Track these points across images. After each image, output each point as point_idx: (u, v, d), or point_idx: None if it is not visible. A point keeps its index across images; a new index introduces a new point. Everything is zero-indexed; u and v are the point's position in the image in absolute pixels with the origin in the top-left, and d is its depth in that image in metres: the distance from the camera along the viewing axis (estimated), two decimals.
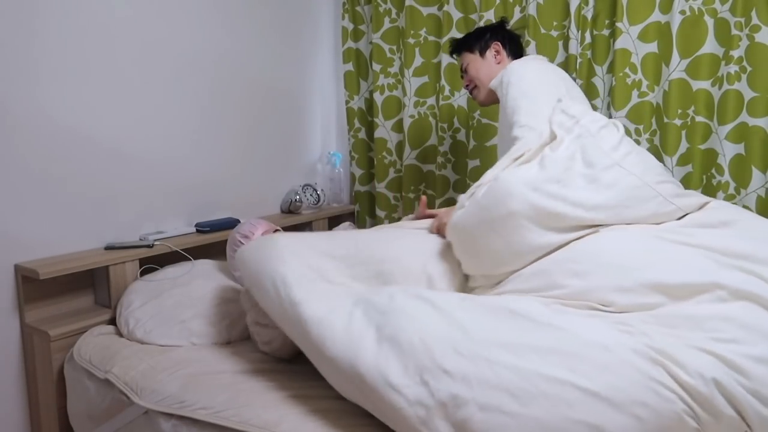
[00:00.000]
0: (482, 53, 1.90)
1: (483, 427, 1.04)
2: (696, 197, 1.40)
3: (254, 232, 1.85)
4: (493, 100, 1.88)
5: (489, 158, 2.36)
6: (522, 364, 1.07)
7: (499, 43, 1.89)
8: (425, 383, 1.09)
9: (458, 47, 1.96)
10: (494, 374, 1.07)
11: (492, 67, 1.89)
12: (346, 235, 1.62)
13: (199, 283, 1.80)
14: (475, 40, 1.91)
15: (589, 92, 2.10)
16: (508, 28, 1.96)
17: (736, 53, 1.84)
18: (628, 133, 1.98)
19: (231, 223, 2.18)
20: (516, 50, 1.92)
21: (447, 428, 1.06)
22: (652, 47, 2.01)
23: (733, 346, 1.05)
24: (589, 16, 2.08)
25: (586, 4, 2.08)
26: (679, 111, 1.96)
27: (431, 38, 2.48)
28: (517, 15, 2.26)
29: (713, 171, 1.95)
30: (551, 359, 1.07)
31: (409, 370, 1.11)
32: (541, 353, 1.08)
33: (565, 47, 2.16)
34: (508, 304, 1.21)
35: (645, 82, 2.03)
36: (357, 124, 2.74)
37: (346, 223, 2.66)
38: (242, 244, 1.82)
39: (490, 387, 1.06)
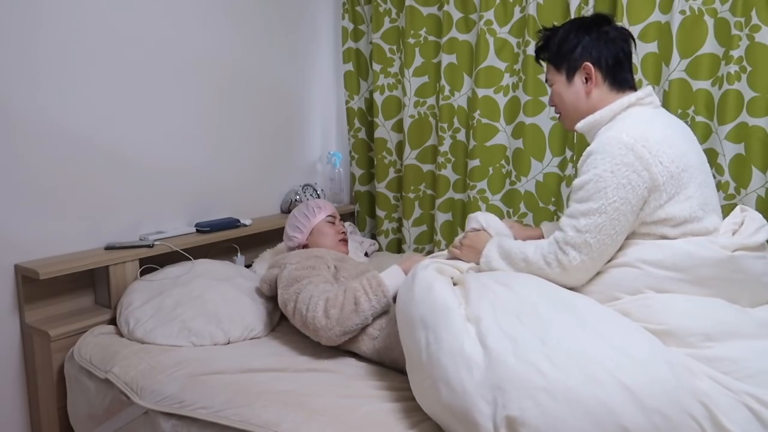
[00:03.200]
0: (569, 76, 1.45)
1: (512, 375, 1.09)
2: None
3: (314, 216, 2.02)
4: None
5: (489, 158, 2.36)
6: (571, 340, 1.12)
7: (591, 67, 1.41)
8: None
9: (538, 53, 1.53)
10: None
11: (580, 97, 1.44)
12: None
13: (199, 282, 1.80)
14: (560, 55, 1.45)
15: None
16: (611, 31, 1.42)
17: (736, 53, 1.84)
18: None
19: (231, 223, 2.18)
20: (620, 76, 1.42)
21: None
22: (652, 47, 2.01)
23: None
24: None
25: (586, 4, 2.08)
26: (679, 111, 1.96)
27: (431, 38, 2.48)
28: (517, 15, 2.26)
29: (713, 171, 1.95)
30: (598, 344, 1.11)
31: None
32: (591, 336, 1.13)
33: None
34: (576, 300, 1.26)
35: (645, 82, 2.03)
36: (357, 124, 2.74)
37: (346, 224, 2.66)
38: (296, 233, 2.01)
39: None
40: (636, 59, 2.02)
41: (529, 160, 2.29)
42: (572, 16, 2.09)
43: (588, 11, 2.07)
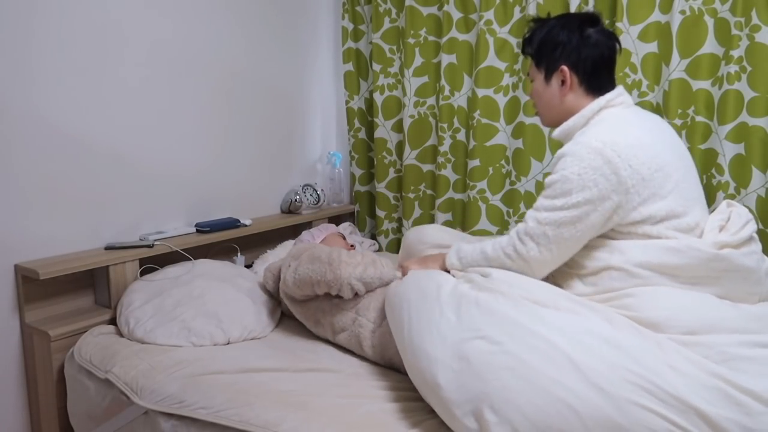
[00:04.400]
0: (547, 76, 1.47)
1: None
2: None
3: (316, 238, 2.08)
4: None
5: (489, 158, 2.36)
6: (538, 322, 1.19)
7: (567, 71, 1.43)
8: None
9: (524, 46, 1.53)
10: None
11: (554, 99, 1.47)
12: None
13: (199, 282, 1.80)
14: (540, 53, 1.47)
15: None
16: (594, 35, 1.42)
17: (736, 53, 1.84)
18: None
19: (231, 223, 2.18)
20: (596, 81, 1.43)
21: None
22: (652, 47, 2.01)
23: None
24: None
25: (586, 3, 2.08)
26: (679, 111, 1.96)
27: (431, 38, 2.48)
28: (517, 15, 2.26)
29: (713, 171, 1.95)
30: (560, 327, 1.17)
31: None
32: (556, 320, 1.19)
33: None
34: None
35: (645, 82, 2.03)
36: (357, 124, 2.74)
37: (346, 224, 2.66)
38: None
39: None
40: (636, 59, 2.03)
41: (529, 160, 2.29)
42: None
43: (588, 11, 2.07)
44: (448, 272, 1.50)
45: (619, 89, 1.44)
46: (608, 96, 1.42)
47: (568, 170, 1.32)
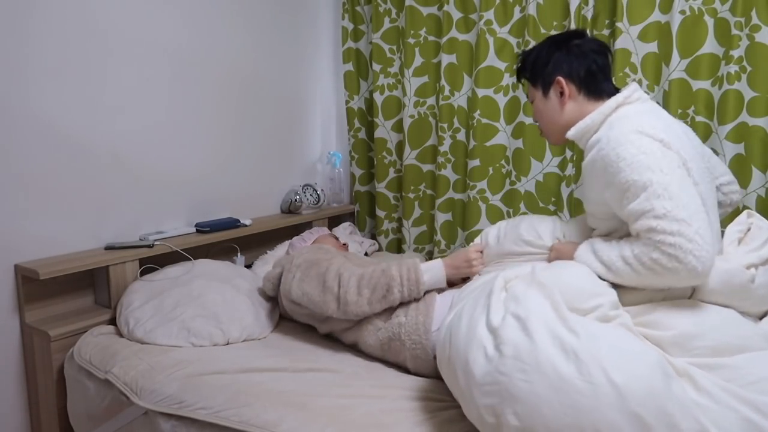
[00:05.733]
0: (545, 92, 1.46)
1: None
2: None
3: (307, 240, 2.06)
4: (566, 142, 1.50)
5: (489, 158, 2.36)
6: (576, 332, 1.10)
7: (563, 81, 1.42)
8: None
9: (519, 74, 1.55)
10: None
11: (556, 111, 1.45)
12: None
13: (199, 283, 1.80)
14: (535, 72, 1.48)
15: None
16: (583, 45, 1.42)
17: (736, 53, 1.84)
18: None
19: (231, 223, 2.18)
20: (595, 86, 1.41)
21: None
22: (652, 47, 2.01)
23: None
24: (589, 16, 2.08)
25: (586, 4, 2.08)
26: (679, 111, 1.96)
27: (431, 38, 2.48)
28: (517, 15, 2.26)
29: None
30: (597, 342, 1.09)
31: None
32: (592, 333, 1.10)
33: None
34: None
35: (645, 82, 2.03)
36: (357, 124, 2.74)
37: (346, 224, 2.66)
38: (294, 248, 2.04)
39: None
40: (636, 59, 2.03)
41: (529, 160, 2.29)
42: (572, 16, 2.09)
43: (588, 11, 2.07)
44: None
45: (634, 86, 1.38)
46: (625, 93, 1.36)
47: (628, 158, 1.20)
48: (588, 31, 2.05)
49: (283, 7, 2.49)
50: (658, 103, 2.02)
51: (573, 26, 2.09)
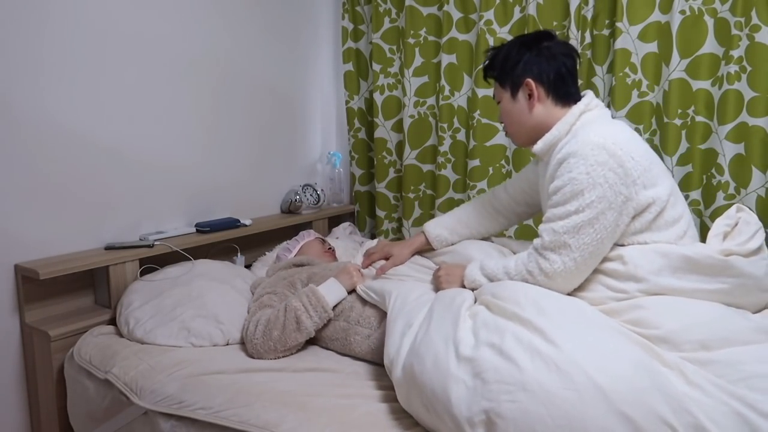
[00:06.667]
0: (513, 93, 1.46)
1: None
2: None
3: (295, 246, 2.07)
4: (533, 143, 1.49)
5: (489, 158, 2.36)
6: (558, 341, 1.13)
7: (533, 83, 1.42)
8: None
9: (486, 72, 1.54)
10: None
11: (524, 113, 1.46)
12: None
13: (199, 283, 1.80)
14: (503, 72, 1.47)
15: None
16: (553, 47, 1.43)
17: (736, 53, 1.84)
18: None
19: (231, 223, 2.18)
20: (563, 90, 1.43)
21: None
22: (652, 47, 2.01)
23: None
24: (589, 15, 2.08)
25: (586, 3, 2.08)
26: (679, 111, 1.96)
27: (431, 38, 2.48)
28: (517, 15, 2.26)
29: (713, 171, 1.95)
30: (583, 348, 1.12)
31: None
32: (577, 338, 1.14)
33: None
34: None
35: (645, 82, 2.03)
36: (357, 124, 2.74)
37: (346, 224, 2.66)
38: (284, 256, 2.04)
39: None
40: (636, 59, 2.03)
41: (529, 160, 2.28)
42: (572, 17, 2.09)
43: (588, 11, 2.07)
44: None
45: (590, 94, 1.45)
46: (585, 101, 1.42)
47: (575, 172, 1.30)
48: (588, 31, 2.06)
49: (283, 7, 2.49)
50: (658, 103, 2.03)
51: (573, 26, 2.09)
